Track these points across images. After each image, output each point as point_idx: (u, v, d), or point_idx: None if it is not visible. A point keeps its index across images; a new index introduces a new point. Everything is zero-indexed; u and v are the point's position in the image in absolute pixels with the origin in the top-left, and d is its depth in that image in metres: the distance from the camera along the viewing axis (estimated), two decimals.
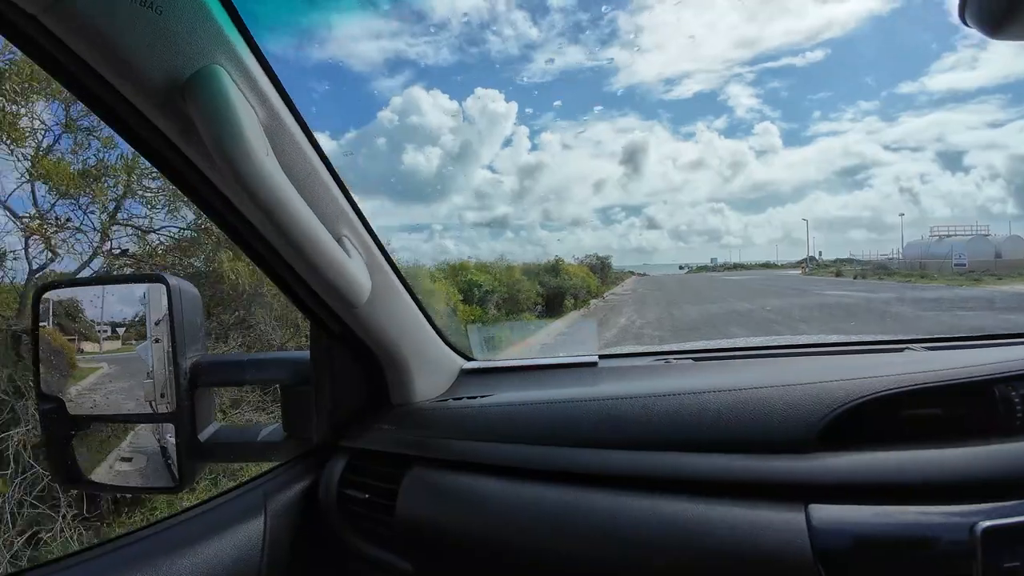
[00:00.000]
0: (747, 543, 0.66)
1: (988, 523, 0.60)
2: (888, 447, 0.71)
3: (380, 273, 0.85)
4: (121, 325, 0.92)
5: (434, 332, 1.02)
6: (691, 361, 1.06)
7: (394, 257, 0.92)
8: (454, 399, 0.99)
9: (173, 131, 0.60)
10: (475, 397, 0.97)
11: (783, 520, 0.66)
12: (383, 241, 0.88)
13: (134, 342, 0.91)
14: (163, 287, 0.87)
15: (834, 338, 1.17)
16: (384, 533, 0.88)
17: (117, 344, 0.92)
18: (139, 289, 0.91)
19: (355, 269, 0.74)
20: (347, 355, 0.95)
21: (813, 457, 0.71)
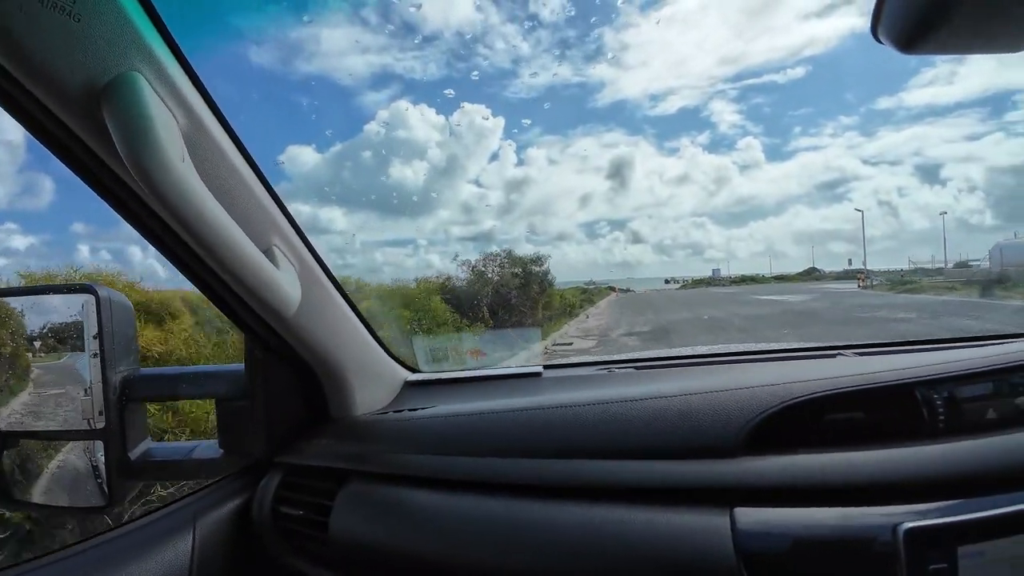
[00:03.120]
0: (673, 548, 0.68)
1: (911, 524, 0.62)
2: (813, 450, 0.74)
3: (315, 285, 0.86)
4: (49, 336, 0.94)
5: (376, 344, 1.04)
6: (633, 370, 1.09)
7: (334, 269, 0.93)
8: (395, 411, 1.00)
9: (92, 139, 0.61)
10: (416, 409, 0.99)
11: (708, 524, 0.68)
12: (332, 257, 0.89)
13: (61, 354, 0.93)
14: (93, 298, 0.88)
15: (771, 346, 1.21)
16: (318, 550, 0.89)
17: (44, 356, 0.93)
18: (68, 299, 0.92)
19: (283, 280, 0.75)
20: (283, 368, 0.96)
21: (739, 461, 0.73)
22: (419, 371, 1.15)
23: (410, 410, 0.99)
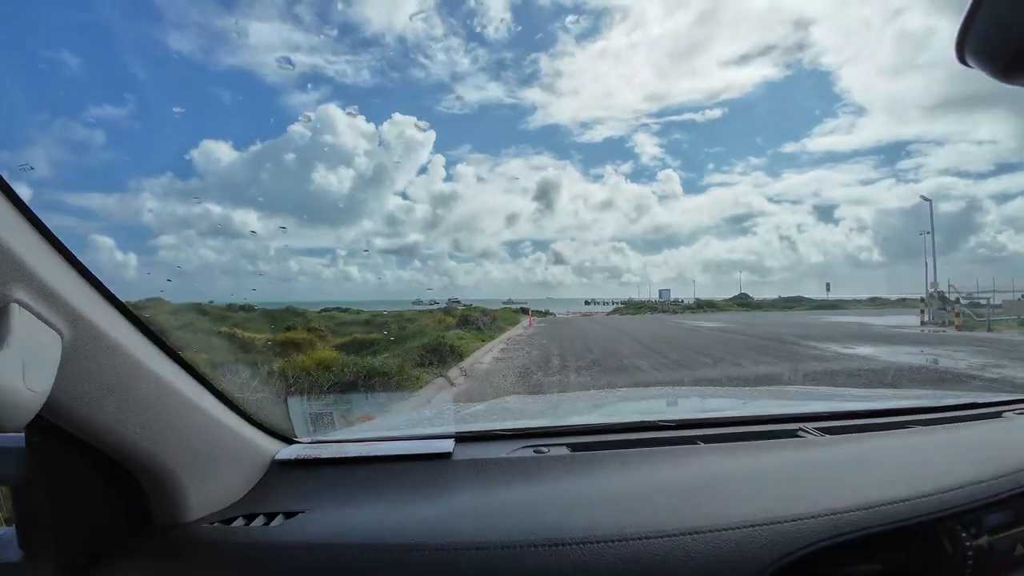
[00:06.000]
0: None
1: None
2: None
3: (107, 352, 0.61)
4: None
5: (230, 412, 0.81)
6: (567, 451, 0.92)
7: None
8: (245, 516, 0.77)
9: None
10: (275, 515, 0.77)
11: None
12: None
13: None
14: None
15: (721, 414, 1.09)
16: None
17: None
18: None
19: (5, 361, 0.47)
20: (77, 455, 0.70)
21: None
22: (295, 441, 0.94)
23: (267, 514, 0.77)
